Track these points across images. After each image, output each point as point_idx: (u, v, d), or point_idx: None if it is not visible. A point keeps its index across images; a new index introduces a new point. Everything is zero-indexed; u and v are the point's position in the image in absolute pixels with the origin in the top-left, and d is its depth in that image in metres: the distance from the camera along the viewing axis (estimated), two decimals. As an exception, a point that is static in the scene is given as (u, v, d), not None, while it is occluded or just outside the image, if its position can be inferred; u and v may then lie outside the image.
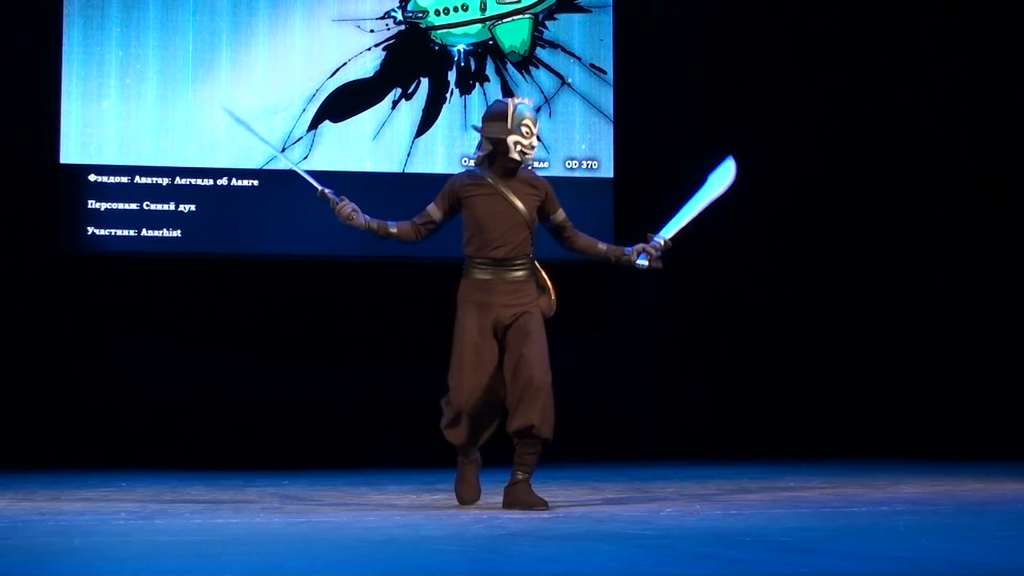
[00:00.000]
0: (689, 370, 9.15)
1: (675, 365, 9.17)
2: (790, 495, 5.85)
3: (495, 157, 5.34)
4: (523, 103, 5.36)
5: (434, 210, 5.47)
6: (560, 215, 5.46)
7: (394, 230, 5.51)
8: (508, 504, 5.26)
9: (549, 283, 5.43)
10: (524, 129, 5.29)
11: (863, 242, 9.21)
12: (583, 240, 5.53)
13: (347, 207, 5.47)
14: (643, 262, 5.45)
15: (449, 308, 5.44)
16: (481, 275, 5.32)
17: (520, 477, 5.27)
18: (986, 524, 4.59)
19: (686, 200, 5.63)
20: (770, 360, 9.12)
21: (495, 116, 5.35)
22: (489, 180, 5.35)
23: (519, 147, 5.30)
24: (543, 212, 5.43)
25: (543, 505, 5.20)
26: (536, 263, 5.42)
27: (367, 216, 5.51)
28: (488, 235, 5.30)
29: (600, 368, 8.94)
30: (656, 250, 5.47)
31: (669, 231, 5.53)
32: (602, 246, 5.54)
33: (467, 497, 5.42)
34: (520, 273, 5.34)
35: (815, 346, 9.15)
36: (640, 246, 5.47)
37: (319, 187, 5.55)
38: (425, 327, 8.61)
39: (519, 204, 5.31)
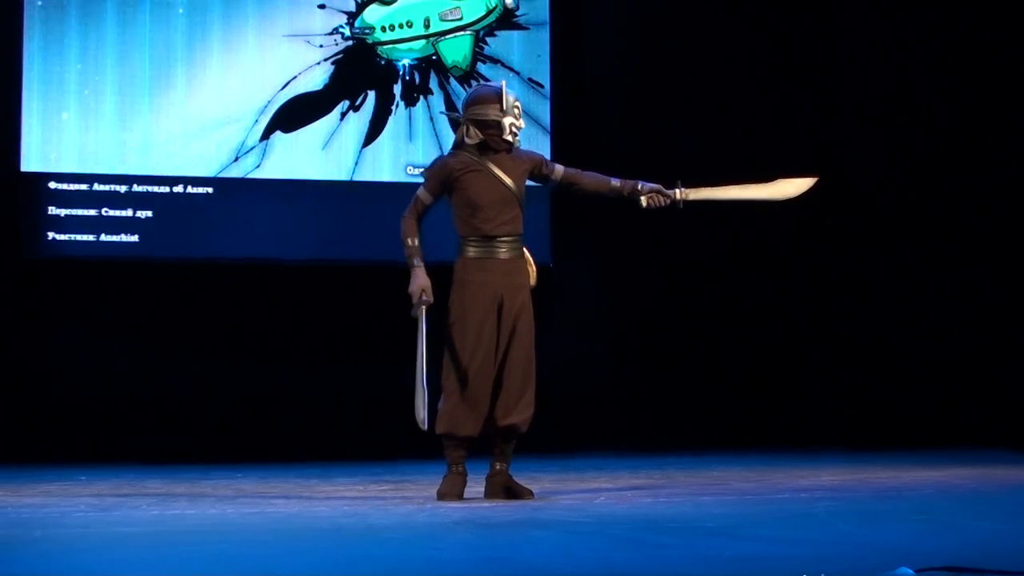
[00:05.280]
0: (621, 368, 9.17)
1: (608, 363, 9.19)
2: (716, 483, 5.88)
3: (484, 139, 5.14)
4: (508, 87, 5.21)
5: (424, 194, 5.20)
6: (558, 171, 5.30)
7: (417, 243, 5.19)
8: (492, 494, 5.15)
9: (531, 258, 5.25)
10: (516, 110, 5.14)
11: (787, 243, 9.25)
12: (590, 181, 5.33)
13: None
14: (643, 203, 5.27)
15: (396, 311, 5.39)
16: (476, 254, 5.13)
17: (499, 468, 5.19)
18: (899, 509, 4.63)
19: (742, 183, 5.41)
20: (696, 357, 9.16)
21: (487, 99, 5.16)
22: (477, 160, 5.15)
23: (512, 127, 5.14)
24: (543, 176, 5.29)
25: (530, 494, 5.13)
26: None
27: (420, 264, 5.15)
28: (480, 213, 5.12)
29: (539, 366, 8.95)
30: (666, 199, 5.26)
31: (696, 193, 5.32)
32: (615, 182, 5.30)
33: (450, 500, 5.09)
34: (514, 252, 5.16)
35: (739, 344, 9.20)
36: (655, 187, 5.27)
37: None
38: (372, 327, 8.61)
39: (509, 181, 5.15)
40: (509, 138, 5.15)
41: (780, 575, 2.88)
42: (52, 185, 8.22)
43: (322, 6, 8.67)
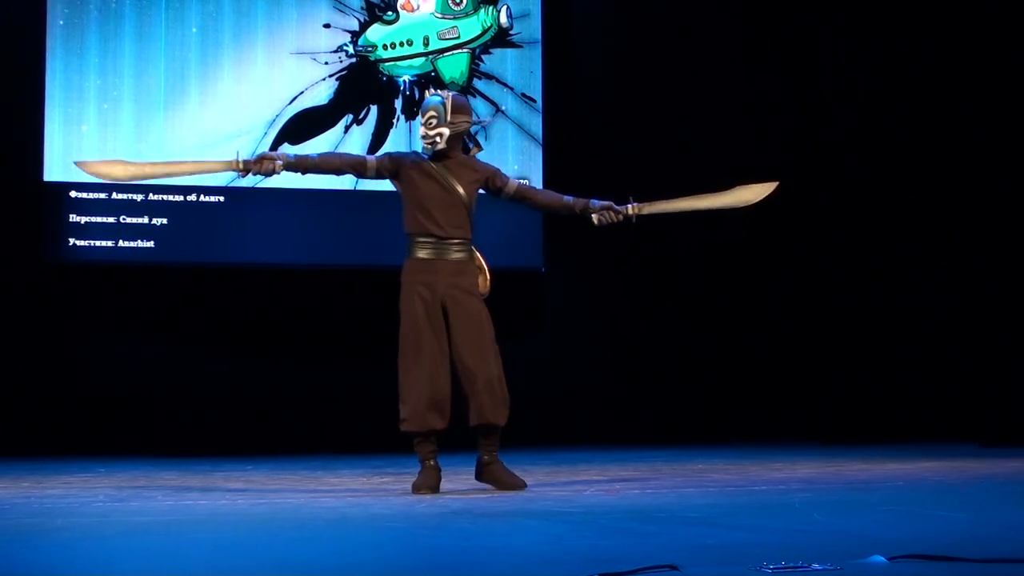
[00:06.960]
0: (610, 367, 9.17)
1: (597, 363, 9.20)
2: (698, 476, 5.87)
3: (452, 145, 5.10)
4: (435, 97, 5.17)
5: (371, 162, 5.19)
6: (511, 185, 5.22)
7: (316, 160, 5.28)
8: (487, 480, 5.10)
9: (485, 265, 5.14)
10: (430, 120, 5.08)
11: (764, 248, 9.26)
12: (543, 198, 5.36)
13: (262, 166, 5.25)
14: (594, 220, 5.21)
15: (392, 313, 5.36)
16: (424, 254, 5.03)
17: (487, 459, 5.11)
18: (870, 500, 4.62)
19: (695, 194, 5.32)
20: (681, 357, 9.16)
21: (465, 109, 5.17)
22: (432, 164, 5.09)
23: (422, 134, 5.13)
24: (496, 189, 5.19)
25: (523, 485, 5.07)
26: (473, 247, 5.16)
27: (283, 158, 5.25)
28: (427, 213, 5.03)
29: (529, 364, 8.95)
30: (618, 216, 5.19)
31: (650, 207, 5.22)
32: (567, 199, 5.26)
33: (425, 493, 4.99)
34: (461, 255, 5.06)
35: (721, 345, 9.21)
36: (605, 204, 5.19)
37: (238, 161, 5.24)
38: (375, 328, 8.60)
39: (458, 187, 5.06)
40: (426, 144, 5.11)
41: (759, 562, 2.87)
42: (73, 194, 8.21)
43: (327, 25, 8.68)
